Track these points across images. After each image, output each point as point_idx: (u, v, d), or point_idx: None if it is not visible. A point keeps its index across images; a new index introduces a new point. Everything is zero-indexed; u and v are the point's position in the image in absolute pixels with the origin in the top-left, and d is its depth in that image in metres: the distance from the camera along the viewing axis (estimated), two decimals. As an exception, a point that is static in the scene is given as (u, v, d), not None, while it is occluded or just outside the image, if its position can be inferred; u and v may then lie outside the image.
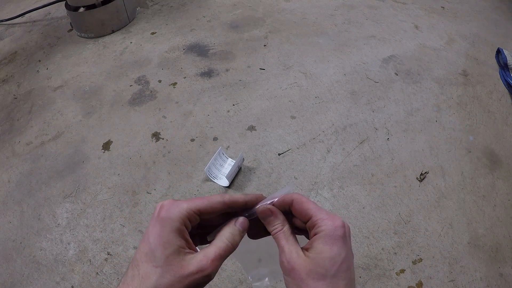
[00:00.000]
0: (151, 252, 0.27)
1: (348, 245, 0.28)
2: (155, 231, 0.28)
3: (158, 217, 0.28)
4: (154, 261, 0.27)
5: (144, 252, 0.27)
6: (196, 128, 1.06)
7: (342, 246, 0.28)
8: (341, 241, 0.28)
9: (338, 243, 0.28)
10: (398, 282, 0.73)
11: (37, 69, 1.34)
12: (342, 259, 0.27)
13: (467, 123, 1.06)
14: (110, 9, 1.44)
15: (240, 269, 0.75)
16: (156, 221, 0.28)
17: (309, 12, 1.55)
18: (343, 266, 0.27)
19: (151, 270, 0.26)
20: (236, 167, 0.91)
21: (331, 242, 0.28)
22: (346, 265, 0.28)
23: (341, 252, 0.28)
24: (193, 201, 0.30)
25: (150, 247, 0.27)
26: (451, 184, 0.91)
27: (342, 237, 0.28)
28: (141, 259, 0.27)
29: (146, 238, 0.28)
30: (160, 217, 0.28)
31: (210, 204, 0.30)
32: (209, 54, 1.33)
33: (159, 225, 0.28)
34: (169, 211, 0.28)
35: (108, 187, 0.92)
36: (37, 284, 0.75)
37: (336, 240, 0.28)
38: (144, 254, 0.27)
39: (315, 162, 0.95)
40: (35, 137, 1.07)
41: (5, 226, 0.87)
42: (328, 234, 0.28)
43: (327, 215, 0.29)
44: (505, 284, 0.74)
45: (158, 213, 0.28)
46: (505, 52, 1.24)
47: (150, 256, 0.27)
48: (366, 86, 1.17)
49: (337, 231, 0.28)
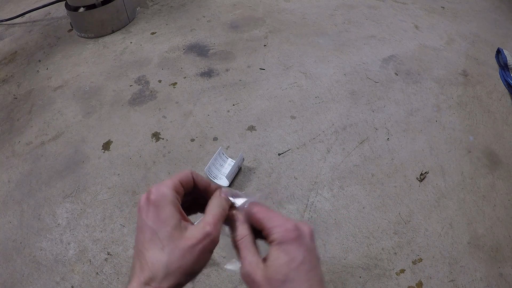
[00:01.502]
0: (153, 236, 0.27)
1: (306, 247, 0.28)
2: (151, 215, 0.28)
3: (150, 202, 0.28)
4: (160, 243, 0.27)
5: (147, 239, 0.27)
6: (196, 128, 1.06)
7: (296, 249, 0.27)
8: (295, 244, 0.27)
9: (292, 247, 0.27)
10: (398, 282, 0.73)
11: (37, 69, 1.34)
12: (300, 261, 0.27)
13: (467, 123, 1.06)
14: (110, 9, 1.44)
15: (240, 269, 0.75)
16: (149, 206, 0.28)
17: (309, 12, 1.55)
18: (302, 268, 0.27)
19: (158, 253, 0.26)
20: (236, 167, 0.91)
21: (284, 247, 0.27)
22: (306, 267, 0.27)
23: (297, 255, 0.27)
24: (172, 177, 0.31)
25: (152, 230, 0.27)
26: (451, 184, 0.91)
27: (295, 240, 0.27)
28: (145, 247, 0.27)
29: (143, 226, 0.28)
30: (152, 200, 0.28)
31: (184, 174, 0.31)
32: (209, 54, 1.33)
33: (153, 208, 0.28)
34: (158, 191, 0.29)
35: (108, 187, 0.92)
36: (37, 284, 0.75)
37: (289, 244, 0.27)
38: (147, 241, 0.27)
39: (315, 162, 0.95)
40: (35, 137, 1.07)
41: (5, 226, 0.87)
42: (280, 240, 0.28)
43: (279, 221, 0.29)
44: (505, 284, 0.74)
45: (148, 198, 0.29)
46: (505, 52, 1.24)
47: (154, 239, 0.27)
48: (366, 86, 1.17)
49: (289, 235, 0.28)
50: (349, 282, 0.73)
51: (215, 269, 0.76)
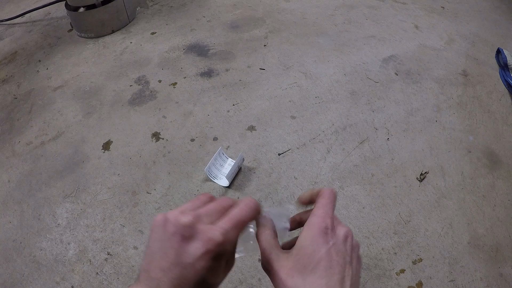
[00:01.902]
0: (202, 281, 0.27)
1: (331, 245, 0.28)
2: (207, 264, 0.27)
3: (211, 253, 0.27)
4: (207, 284, 0.28)
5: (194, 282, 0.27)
6: (196, 128, 1.06)
7: (322, 243, 0.28)
8: (322, 237, 0.28)
9: (318, 239, 0.28)
10: (398, 282, 0.73)
11: (37, 69, 1.34)
12: (321, 256, 0.27)
13: (467, 123, 1.06)
14: (110, 9, 1.44)
15: (240, 269, 0.75)
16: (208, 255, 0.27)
17: (309, 12, 1.55)
18: (322, 264, 0.27)
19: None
20: (236, 167, 0.91)
21: (311, 236, 0.28)
22: (326, 263, 0.27)
23: (321, 248, 0.27)
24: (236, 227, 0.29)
25: (202, 278, 0.27)
26: (451, 184, 0.91)
27: (323, 234, 0.28)
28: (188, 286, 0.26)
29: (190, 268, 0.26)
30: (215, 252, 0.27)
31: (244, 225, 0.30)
32: (209, 54, 1.33)
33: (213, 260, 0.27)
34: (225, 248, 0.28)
35: (108, 187, 0.92)
36: (37, 284, 0.75)
37: (316, 236, 0.28)
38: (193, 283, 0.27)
39: (315, 162, 0.95)
40: (35, 137, 1.07)
41: (5, 226, 0.87)
42: (310, 227, 0.29)
43: (322, 212, 0.30)
44: (505, 284, 0.74)
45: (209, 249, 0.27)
46: (505, 52, 1.24)
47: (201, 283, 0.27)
48: (366, 86, 1.17)
49: (319, 225, 0.29)
50: (349, 282, 0.73)
51: (215, 269, 0.75)
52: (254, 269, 0.75)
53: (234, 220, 0.28)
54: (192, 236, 0.27)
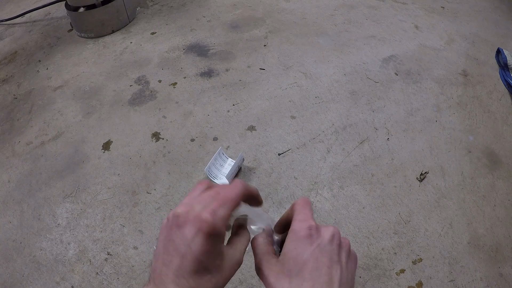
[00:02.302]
0: (203, 268, 0.27)
1: (316, 247, 0.28)
2: (203, 248, 0.27)
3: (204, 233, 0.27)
4: (208, 274, 0.28)
5: (193, 270, 0.27)
6: (196, 128, 1.06)
7: (305, 246, 0.28)
8: (305, 241, 0.28)
9: (301, 243, 0.28)
10: (398, 282, 0.73)
11: (37, 69, 1.34)
12: (305, 259, 0.27)
13: (467, 123, 1.06)
14: (110, 9, 1.44)
15: (240, 269, 0.75)
16: (202, 237, 0.27)
17: (309, 12, 1.55)
18: (307, 266, 0.27)
19: (205, 283, 0.27)
20: (236, 167, 0.91)
21: (295, 240, 0.29)
22: (311, 266, 0.27)
23: (305, 251, 0.28)
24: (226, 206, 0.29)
25: (201, 264, 0.27)
26: (451, 184, 0.91)
27: (305, 238, 0.28)
28: (190, 276, 0.27)
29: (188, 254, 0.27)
30: (207, 232, 0.27)
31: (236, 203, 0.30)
32: (209, 54, 1.33)
33: (207, 242, 0.27)
34: (215, 227, 0.28)
35: (108, 187, 0.92)
36: (37, 284, 0.75)
37: (299, 239, 0.29)
38: (193, 271, 0.27)
39: (315, 162, 0.95)
40: (35, 137, 1.07)
41: (5, 226, 0.87)
42: (293, 233, 0.29)
43: (302, 216, 0.30)
44: (505, 284, 0.74)
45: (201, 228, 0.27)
46: (505, 52, 1.24)
47: (202, 271, 0.27)
48: (366, 86, 1.17)
49: (301, 232, 0.29)
50: (349, 282, 0.73)
51: (215, 269, 0.76)
52: (254, 269, 0.75)
53: (221, 200, 0.29)
54: (185, 223, 0.27)
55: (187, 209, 0.28)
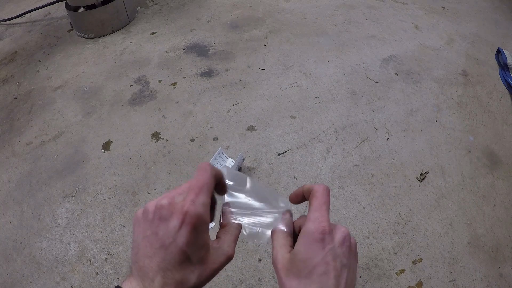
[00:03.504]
0: (186, 259, 0.27)
1: (328, 251, 0.28)
2: (187, 239, 0.27)
3: (188, 224, 0.27)
4: (191, 266, 0.27)
5: (177, 261, 0.27)
6: (196, 128, 1.06)
7: (318, 250, 0.28)
8: (318, 244, 0.28)
9: (314, 245, 0.28)
10: (398, 282, 0.73)
11: (37, 69, 1.34)
12: (316, 263, 0.28)
13: (467, 123, 1.06)
14: (110, 9, 1.44)
15: (240, 269, 0.75)
16: (186, 228, 0.27)
17: (309, 12, 1.55)
18: (317, 270, 0.27)
19: (188, 275, 0.27)
20: (236, 167, 0.91)
21: (307, 243, 0.29)
22: (321, 269, 0.27)
23: (315, 256, 0.28)
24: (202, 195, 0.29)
25: (185, 255, 0.27)
26: (451, 184, 0.91)
27: (319, 241, 0.28)
28: (174, 268, 0.27)
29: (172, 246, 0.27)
30: (192, 224, 0.27)
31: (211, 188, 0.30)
32: (209, 54, 1.33)
33: (191, 233, 0.27)
34: (198, 216, 0.28)
35: (108, 187, 0.92)
36: (37, 284, 0.75)
37: (312, 242, 0.28)
38: (176, 263, 0.27)
39: (315, 162, 0.95)
40: (35, 137, 1.07)
41: (5, 226, 0.87)
42: (307, 233, 0.29)
43: (318, 216, 0.30)
44: (505, 284, 0.74)
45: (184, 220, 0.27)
46: (505, 52, 1.24)
47: (186, 262, 0.27)
48: (366, 86, 1.17)
49: (314, 235, 0.28)
50: (349, 282, 0.73)
51: (215, 269, 0.76)
52: (254, 269, 0.75)
53: (195, 188, 0.29)
54: (170, 215, 0.27)
55: (169, 201, 0.28)
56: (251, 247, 0.79)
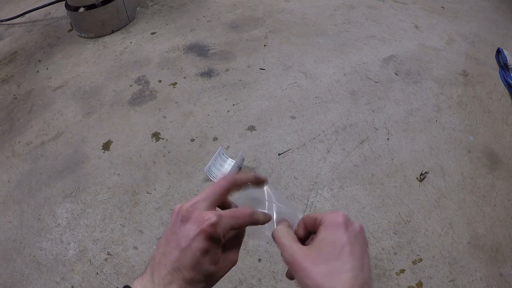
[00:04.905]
0: (198, 265, 0.29)
1: (353, 234, 0.29)
2: (202, 246, 0.29)
3: (206, 234, 0.29)
4: (201, 273, 0.29)
5: (189, 264, 0.29)
6: (196, 128, 1.06)
7: (343, 232, 0.29)
8: (342, 228, 0.29)
9: (338, 229, 0.29)
10: (398, 282, 0.73)
11: (37, 69, 1.34)
12: (344, 243, 0.28)
13: (467, 123, 1.06)
14: (110, 9, 1.44)
15: (240, 269, 0.75)
16: (203, 236, 0.29)
17: (309, 12, 1.55)
18: (345, 250, 0.28)
19: (198, 280, 0.29)
20: (236, 167, 0.91)
21: (331, 228, 0.30)
22: (349, 249, 0.28)
23: (342, 237, 0.29)
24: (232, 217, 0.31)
25: (198, 261, 0.29)
26: (451, 184, 0.91)
27: (342, 225, 0.29)
28: (186, 269, 0.29)
29: (188, 250, 0.29)
30: (209, 233, 0.29)
31: (222, 195, 0.33)
32: (209, 54, 1.33)
33: (207, 243, 0.29)
34: (216, 231, 0.29)
35: (108, 187, 0.92)
36: (37, 284, 0.75)
37: (336, 227, 0.29)
38: (189, 266, 0.29)
39: (315, 162, 0.95)
40: (35, 137, 1.07)
41: (5, 226, 0.87)
42: (328, 223, 0.30)
43: (334, 211, 0.31)
44: (505, 284, 0.74)
45: (205, 229, 0.29)
46: (505, 52, 1.24)
47: (197, 267, 0.29)
48: (366, 86, 1.17)
49: (338, 219, 0.30)
50: (349, 282, 0.73)
51: (215, 269, 0.76)
52: (254, 269, 0.75)
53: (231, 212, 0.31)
54: (189, 219, 0.30)
55: (192, 205, 0.31)
56: (251, 247, 0.79)
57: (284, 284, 0.73)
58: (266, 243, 0.79)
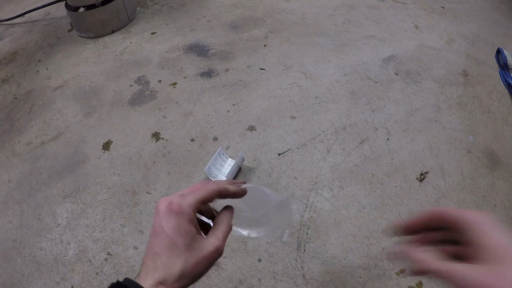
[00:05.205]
0: (172, 244, 0.31)
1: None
2: (171, 224, 0.31)
3: (172, 212, 0.32)
4: (177, 251, 0.31)
5: (164, 245, 0.31)
6: (196, 128, 1.06)
7: (501, 232, 0.27)
8: (497, 230, 0.27)
9: (499, 230, 0.27)
10: (398, 282, 0.73)
11: (37, 69, 1.34)
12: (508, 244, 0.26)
13: (467, 123, 1.06)
14: (110, 9, 1.44)
15: (240, 269, 0.75)
16: (170, 215, 0.31)
17: (309, 12, 1.55)
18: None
19: (175, 259, 0.30)
20: (236, 167, 0.91)
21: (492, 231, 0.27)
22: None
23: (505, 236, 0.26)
24: (195, 193, 0.34)
25: (170, 239, 0.31)
26: (451, 184, 0.91)
27: (496, 227, 0.27)
28: (162, 252, 0.31)
29: (160, 232, 0.31)
30: (174, 211, 0.32)
31: (208, 194, 0.35)
32: (209, 54, 1.33)
33: (174, 219, 0.31)
34: (181, 205, 0.32)
35: (108, 187, 0.92)
36: (37, 284, 0.75)
37: (495, 228, 0.27)
38: (164, 247, 0.31)
39: (315, 162, 0.95)
40: (35, 137, 1.07)
41: (5, 226, 0.87)
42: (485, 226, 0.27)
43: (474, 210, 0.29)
44: (505, 284, 0.74)
45: (171, 208, 0.32)
46: (505, 52, 1.24)
47: (172, 247, 0.31)
48: (366, 86, 1.17)
49: (489, 222, 0.27)
50: (349, 282, 0.73)
51: (215, 269, 0.76)
52: (254, 269, 0.75)
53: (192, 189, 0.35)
54: (161, 209, 0.33)
55: (170, 198, 0.33)
56: (251, 247, 0.79)
57: (284, 284, 0.73)
58: (266, 243, 0.79)
